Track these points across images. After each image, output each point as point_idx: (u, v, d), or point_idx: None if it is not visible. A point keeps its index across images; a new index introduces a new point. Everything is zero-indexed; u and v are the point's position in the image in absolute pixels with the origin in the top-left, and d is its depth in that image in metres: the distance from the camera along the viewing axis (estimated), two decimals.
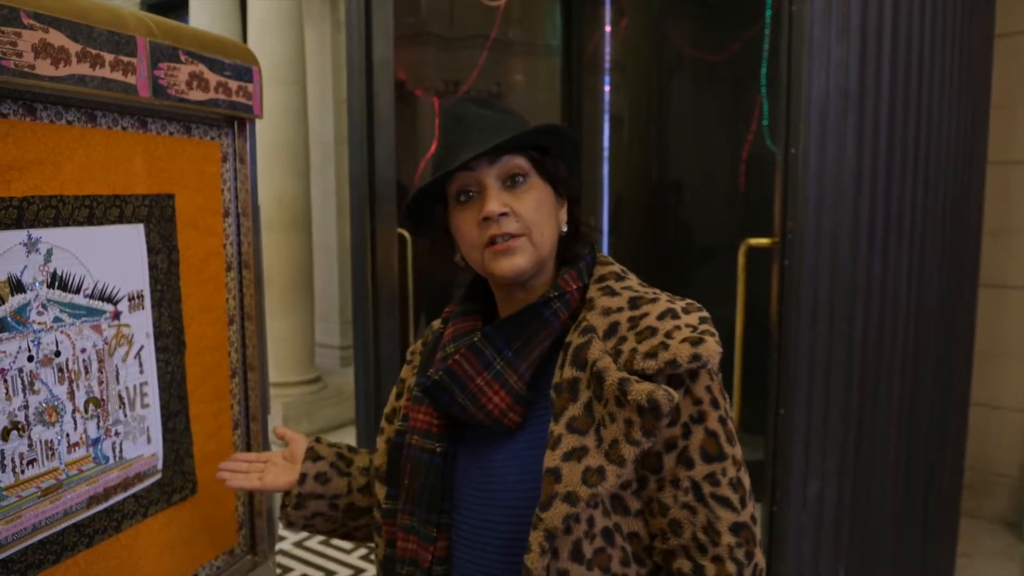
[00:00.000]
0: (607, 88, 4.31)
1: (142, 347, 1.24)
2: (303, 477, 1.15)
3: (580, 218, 1.01)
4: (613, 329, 0.91)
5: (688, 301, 0.94)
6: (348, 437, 4.67)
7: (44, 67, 1.01)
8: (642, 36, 4.28)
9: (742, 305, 2.35)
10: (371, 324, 3.32)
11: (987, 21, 2.79)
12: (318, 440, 1.20)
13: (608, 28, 4.26)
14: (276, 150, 4.94)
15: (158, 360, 1.27)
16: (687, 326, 0.88)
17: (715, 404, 0.89)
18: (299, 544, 3.58)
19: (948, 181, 2.49)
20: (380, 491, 1.06)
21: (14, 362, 1.03)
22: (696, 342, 0.86)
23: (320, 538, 3.63)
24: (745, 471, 0.91)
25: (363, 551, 3.50)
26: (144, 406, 1.24)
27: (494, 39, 4.75)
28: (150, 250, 1.25)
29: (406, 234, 3.34)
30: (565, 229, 0.99)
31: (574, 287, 0.96)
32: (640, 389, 0.83)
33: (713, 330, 0.89)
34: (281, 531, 3.65)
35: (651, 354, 0.86)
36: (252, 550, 1.53)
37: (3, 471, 1.01)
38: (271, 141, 4.84)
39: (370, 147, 3.21)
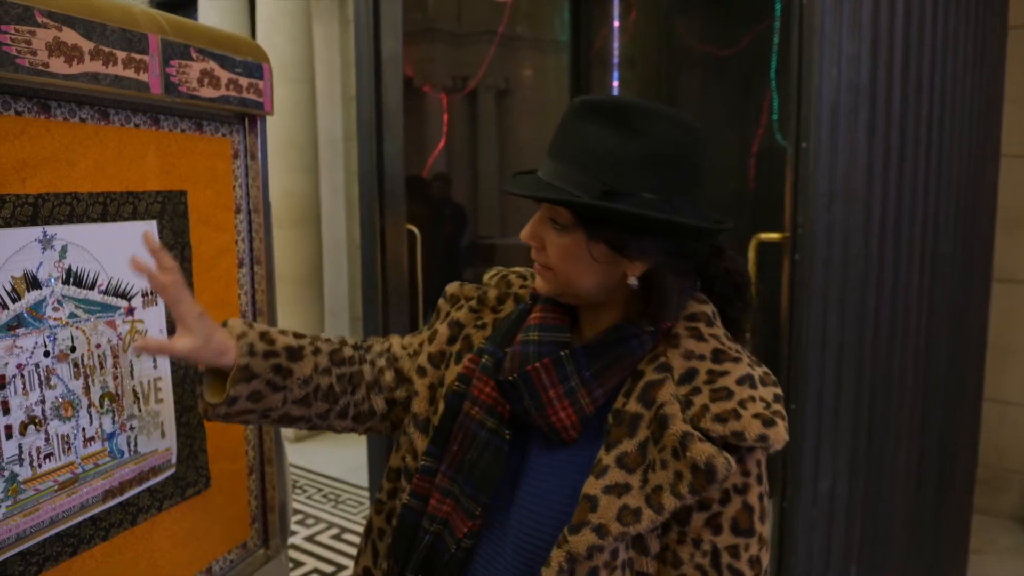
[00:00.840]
0: (616, 83, 4.30)
1: None
2: (233, 399, 1.01)
3: (671, 283, 0.91)
4: (690, 376, 0.90)
5: (765, 370, 0.92)
6: None
7: (58, 65, 1.02)
8: (651, 31, 4.26)
9: (753, 301, 2.34)
10: (381, 320, 3.33)
11: (1000, 12, 2.77)
12: (252, 351, 1.02)
13: (616, 23, 4.25)
14: (285, 147, 4.96)
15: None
16: (762, 400, 0.87)
17: (760, 479, 0.89)
18: (310, 539, 3.60)
19: (960, 175, 2.48)
20: (420, 442, 1.05)
21: (31, 357, 1.04)
22: (768, 422, 0.85)
23: (331, 533, 3.65)
24: (767, 550, 0.91)
25: None
26: (158, 401, 1.25)
27: (502, 34, 4.75)
28: (163, 246, 1.25)
29: (415, 230, 3.34)
30: (634, 283, 0.91)
31: (669, 324, 0.94)
32: (701, 450, 0.83)
33: (784, 412, 0.88)
34: (292, 526, 3.67)
35: (721, 418, 0.85)
36: (265, 544, 1.54)
37: (21, 465, 1.02)
38: (280, 138, 4.86)
39: (379, 143, 3.22)
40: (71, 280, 1.10)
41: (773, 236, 2.27)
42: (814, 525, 2.22)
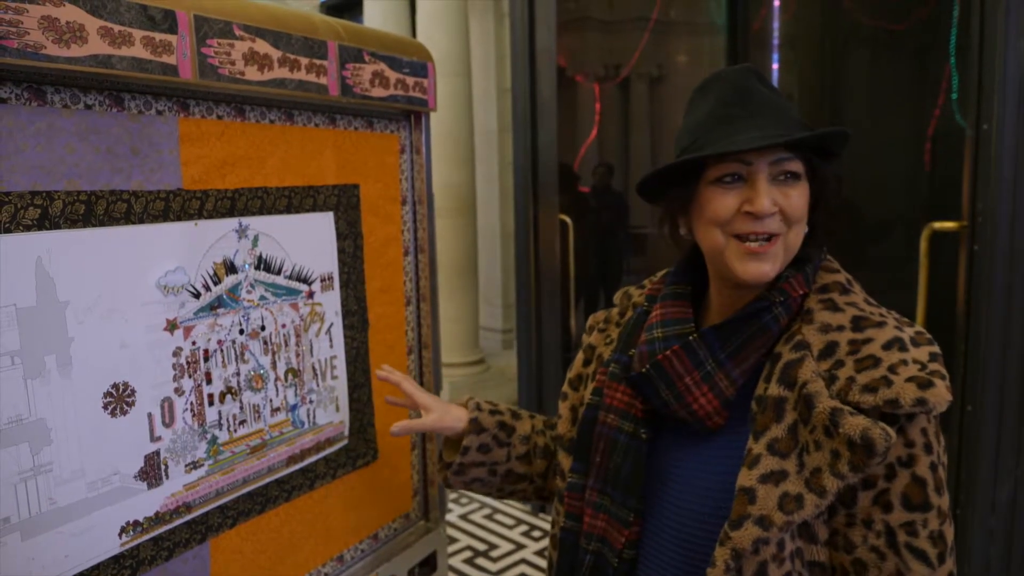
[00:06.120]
0: (776, 66, 4.14)
1: (332, 324, 1.36)
2: (466, 449, 1.17)
3: (824, 220, 0.94)
4: (830, 350, 0.85)
5: (917, 330, 0.86)
6: None
7: (252, 73, 1.13)
8: (814, 7, 4.06)
9: (924, 293, 2.20)
10: (533, 308, 3.40)
11: None
12: (479, 407, 1.20)
13: (776, 1, 4.08)
14: (442, 140, 5.15)
15: (345, 336, 1.39)
16: (915, 362, 0.81)
17: (928, 448, 0.81)
18: (464, 517, 3.75)
19: None
20: (565, 461, 1.06)
21: (228, 334, 1.17)
22: (924, 384, 0.78)
23: (484, 512, 3.79)
24: (950, 523, 0.83)
25: (524, 527, 3.61)
26: (333, 377, 1.37)
27: (655, 20, 4.68)
28: (338, 235, 1.37)
29: (567, 219, 3.39)
30: (806, 230, 0.92)
31: (799, 293, 0.90)
32: (854, 423, 0.78)
33: (944, 371, 0.80)
34: (448, 504, 3.83)
35: (871, 388, 0.79)
36: (425, 516, 1.64)
37: (220, 429, 1.16)
38: (438, 131, 5.05)
39: (533, 134, 3.28)
40: (261, 266, 1.22)
41: (948, 225, 2.12)
42: (992, 535, 2.07)
